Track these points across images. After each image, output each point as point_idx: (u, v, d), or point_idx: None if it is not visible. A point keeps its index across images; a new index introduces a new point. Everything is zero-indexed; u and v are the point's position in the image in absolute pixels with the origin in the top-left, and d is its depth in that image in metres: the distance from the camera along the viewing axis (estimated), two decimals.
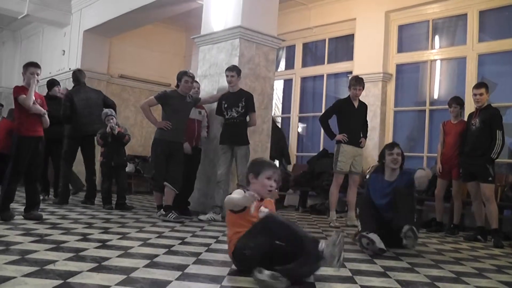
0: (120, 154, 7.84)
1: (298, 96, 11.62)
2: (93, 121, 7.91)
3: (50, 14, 12.10)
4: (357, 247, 4.82)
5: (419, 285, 3.34)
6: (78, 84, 8.16)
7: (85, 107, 7.91)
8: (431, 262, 4.39)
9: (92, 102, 8.04)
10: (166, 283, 2.92)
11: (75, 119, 7.81)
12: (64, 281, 2.78)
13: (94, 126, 7.85)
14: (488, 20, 8.63)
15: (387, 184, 5.13)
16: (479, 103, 6.47)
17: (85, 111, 7.89)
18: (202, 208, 7.25)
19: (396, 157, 5.14)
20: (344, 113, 7.17)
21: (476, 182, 6.38)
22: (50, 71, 12.46)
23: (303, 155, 11.46)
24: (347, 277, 3.48)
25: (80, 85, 8.16)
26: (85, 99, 7.97)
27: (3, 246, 3.77)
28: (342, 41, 10.96)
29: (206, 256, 3.93)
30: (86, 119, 7.88)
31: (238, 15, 7.40)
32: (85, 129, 7.89)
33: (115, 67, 12.44)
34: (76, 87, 8.14)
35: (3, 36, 15.38)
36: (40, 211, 5.83)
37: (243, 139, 6.89)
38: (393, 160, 5.14)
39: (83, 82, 8.23)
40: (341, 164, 7.06)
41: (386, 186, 5.11)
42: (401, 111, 9.75)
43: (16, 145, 5.60)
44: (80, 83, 8.17)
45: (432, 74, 9.32)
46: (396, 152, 5.16)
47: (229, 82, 6.91)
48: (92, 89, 8.44)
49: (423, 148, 9.23)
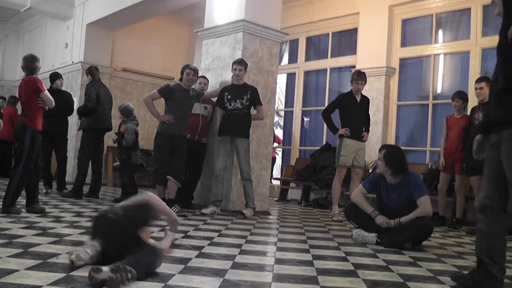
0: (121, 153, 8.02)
1: (301, 90, 11.61)
2: (109, 116, 8.16)
3: (53, 7, 12.10)
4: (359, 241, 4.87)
5: (422, 279, 3.34)
6: (93, 80, 8.16)
7: (105, 102, 8.07)
8: (434, 256, 4.40)
9: (108, 99, 8.21)
10: (169, 276, 2.93)
11: (97, 112, 7.90)
12: (67, 274, 2.80)
13: (109, 121, 8.14)
14: (492, 15, 8.54)
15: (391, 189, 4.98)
16: (480, 97, 6.48)
17: (106, 106, 8.10)
18: (205, 202, 7.26)
19: (377, 161, 5.00)
20: (347, 107, 7.16)
21: (479, 176, 6.37)
22: (53, 64, 12.49)
23: (306, 149, 11.45)
24: (350, 270, 3.48)
25: (95, 80, 8.17)
26: (105, 95, 8.10)
27: (6, 239, 3.78)
28: (346, 35, 10.93)
29: (209, 250, 3.94)
30: (106, 113, 8.09)
31: (241, 9, 7.38)
32: (105, 123, 8.06)
33: (118, 60, 12.43)
34: (93, 82, 8.14)
35: (6, 29, 15.39)
36: (43, 204, 5.84)
37: (245, 131, 6.87)
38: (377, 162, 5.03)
39: (98, 78, 8.27)
40: (343, 158, 7.06)
41: (391, 191, 4.98)
42: (404, 105, 9.72)
43: (30, 140, 5.49)
44: (95, 79, 8.19)
45: (435, 68, 9.29)
46: (378, 157, 5.00)
47: (236, 76, 6.86)
48: (106, 86, 8.56)
49: (426, 143, 9.21)
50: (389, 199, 4.96)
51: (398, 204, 4.88)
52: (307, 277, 3.18)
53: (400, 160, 4.92)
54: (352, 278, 3.25)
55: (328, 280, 3.15)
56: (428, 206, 4.76)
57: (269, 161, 7.77)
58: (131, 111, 7.93)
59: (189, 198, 7.34)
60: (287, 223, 6.47)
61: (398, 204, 4.87)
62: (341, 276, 3.28)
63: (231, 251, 3.95)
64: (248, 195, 6.78)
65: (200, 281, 2.90)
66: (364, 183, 5.17)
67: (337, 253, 4.24)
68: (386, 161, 4.87)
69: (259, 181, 7.44)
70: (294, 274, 3.24)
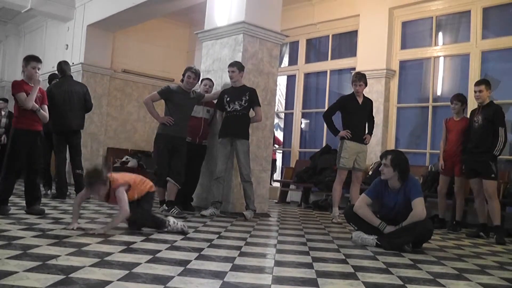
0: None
1: (302, 92, 11.62)
2: (72, 116, 7.72)
3: (54, 8, 12.11)
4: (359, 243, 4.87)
5: (421, 282, 3.34)
6: (63, 76, 7.91)
7: (68, 101, 7.67)
8: (433, 258, 4.39)
9: (75, 96, 7.78)
10: (169, 278, 2.92)
11: (55, 114, 7.31)
12: (66, 276, 2.79)
13: (72, 122, 7.72)
14: (492, 17, 8.60)
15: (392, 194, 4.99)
16: (479, 99, 6.49)
17: (67, 106, 7.66)
18: (205, 204, 7.26)
19: (382, 168, 5.02)
20: (348, 110, 7.15)
21: (479, 178, 6.38)
22: (53, 66, 12.42)
23: (306, 150, 11.46)
24: (350, 273, 3.48)
25: (65, 77, 7.91)
26: (67, 93, 7.70)
27: (5, 240, 3.77)
28: (346, 37, 10.95)
29: (209, 252, 3.93)
30: (68, 114, 7.66)
31: (241, 11, 7.38)
32: (69, 123, 7.69)
33: (118, 61, 12.44)
34: (61, 79, 7.91)
35: (6, 30, 15.40)
36: (42, 206, 5.83)
37: (244, 133, 6.87)
38: (381, 169, 5.06)
39: (69, 75, 7.97)
40: (344, 160, 7.05)
41: (392, 196, 4.99)
42: (404, 107, 9.73)
43: (12, 139, 5.58)
44: (65, 75, 7.92)
45: (435, 70, 9.30)
46: (383, 163, 4.97)
47: (230, 78, 6.90)
48: (77, 82, 8.21)
49: (426, 145, 9.22)
50: (391, 204, 4.96)
51: (400, 208, 4.88)
52: (306, 280, 3.17)
53: (406, 165, 4.95)
54: (351, 280, 3.24)
55: (327, 282, 3.15)
56: (420, 208, 4.75)
57: (269, 163, 7.77)
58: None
59: (189, 199, 7.34)
60: (287, 225, 6.47)
61: (400, 208, 4.88)
62: (340, 279, 3.27)
63: (231, 253, 3.95)
64: (249, 196, 6.78)
65: (200, 283, 2.90)
66: (368, 192, 5.12)
67: (337, 255, 4.23)
68: (393, 166, 4.87)
69: (259, 183, 7.44)
70: (294, 276, 3.23)
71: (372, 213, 5.01)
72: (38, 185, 5.81)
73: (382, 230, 4.85)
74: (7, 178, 5.57)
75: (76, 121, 7.80)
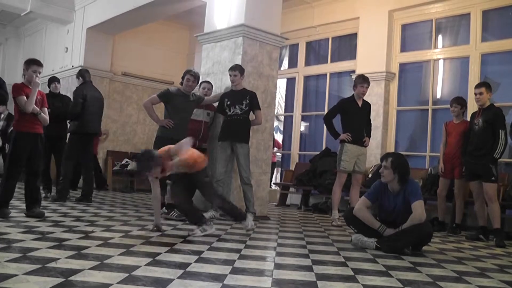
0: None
1: (301, 95, 11.62)
2: (95, 120, 8.06)
3: (53, 11, 12.11)
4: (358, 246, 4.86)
5: (421, 284, 3.34)
6: (84, 82, 8.11)
7: (93, 105, 7.97)
8: (433, 261, 4.39)
9: (98, 102, 8.11)
10: (168, 281, 2.92)
11: (83, 117, 7.82)
12: (66, 279, 2.79)
13: (95, 125, 8.04)
14: (491, 20, 8.61)
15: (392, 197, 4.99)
16: (480, 102, 6.47)
17: (93, 109, 7.98)
18: (205, 206, 7.24)
19: (383, 170, 5.02)
20: (348, 112, 7.14)
21: (479, 181, 6.37)
22: (53, 68, 12.49)
23: (305, 153, 11.45)
24: (349, 276, 3.48)
25: (86, 83, 8.11)
26: (93, 98, 8.02)
27: (5, 243, 3.77)
28: (345, 40, 10.95)
29: (208, 255, 3.93)
30: (92, 117, 7.96)
31: (241, 13, 7.39)
32: (90, 127, 7.96)
33: (118, 64, 12.44)
34: (83, 84, 8.09)
35: (6, 33, 15.40)
36: (42, 208, 5.82)
37: (245, 137, 6.88)
38: (382, 172, 5.06)
39: (89, 80, 8.20)
40: (344, 163, 7.05)
41: (392, 199, 4.99)
42: (404, 110, 9.73)
43: (13, 141, 5.58)
44: (86, 81, 8.13)
45: (435, 73, 9.30)
46: (384, 165, 4.96)
47: (232, 82, 6.91)
48: (96, 89, 8.41)
49: (425, 148, 9.21)
50: (391, 207, 4.96)
51: (400, 211, 4.89)
52: (306, 282, 3.17)
53: (407, 167, 4.95)
54: (351, 283, 3.24)
55: (327, 285, 3.15)
56: (420, 211, 4.75)
57: (268, 165, 7.77)
58: None
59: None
60: (286, 228, 6.46)
61: (400, 210, 4.88)
62: (340, 281, 3.27)
63: (230, 256, 3.95)
64: (249, 199, 6.79)
65: (199, 286, 2.90)
66: (368, 195, 5.12)
67: (337, 258, 4.23)
68: (394, 169, 4.87)
69: (259, 186, 7.44)
70: (294, 279, 3.23)
71: (372, 216, 5.00)
72: (38, 188, 5.81)
73: (381, 233, 4.86)
74: (8, 181, 5.58)
75: (97, 125, 8.17)
